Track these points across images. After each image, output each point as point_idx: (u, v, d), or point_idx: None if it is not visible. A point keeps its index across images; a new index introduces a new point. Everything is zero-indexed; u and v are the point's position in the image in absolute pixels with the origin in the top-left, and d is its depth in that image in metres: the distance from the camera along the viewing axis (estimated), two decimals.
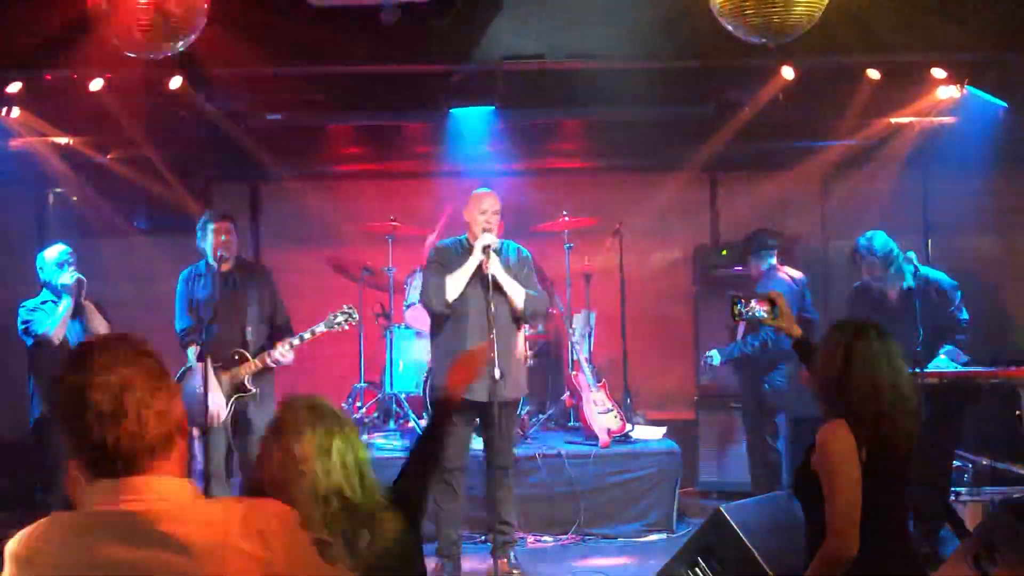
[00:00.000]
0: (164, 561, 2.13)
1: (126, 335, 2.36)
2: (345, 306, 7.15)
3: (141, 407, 2.21)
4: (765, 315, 4.75)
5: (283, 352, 6.98)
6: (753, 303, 4.73)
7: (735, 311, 4.79)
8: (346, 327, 7.13)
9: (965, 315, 7.58)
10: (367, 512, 3.13)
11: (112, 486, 2.22)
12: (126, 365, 2.24)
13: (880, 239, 7.57)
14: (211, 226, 7.06)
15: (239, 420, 7.01)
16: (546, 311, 7.66)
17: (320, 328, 7.05)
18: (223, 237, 7.04)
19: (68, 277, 7.00)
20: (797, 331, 4.67)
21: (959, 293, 7.60)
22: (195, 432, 6.79)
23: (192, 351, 7.01)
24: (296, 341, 7.00)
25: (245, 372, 6.97)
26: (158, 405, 2.23)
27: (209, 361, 6.76)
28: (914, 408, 3.87)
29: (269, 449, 3.16)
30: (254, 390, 6.99)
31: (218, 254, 6.99)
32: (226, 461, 7.02)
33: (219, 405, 6.85)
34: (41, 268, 7.18)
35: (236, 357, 6.99)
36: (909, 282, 7.46)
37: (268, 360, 6.97)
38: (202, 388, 6.69)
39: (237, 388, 6.97)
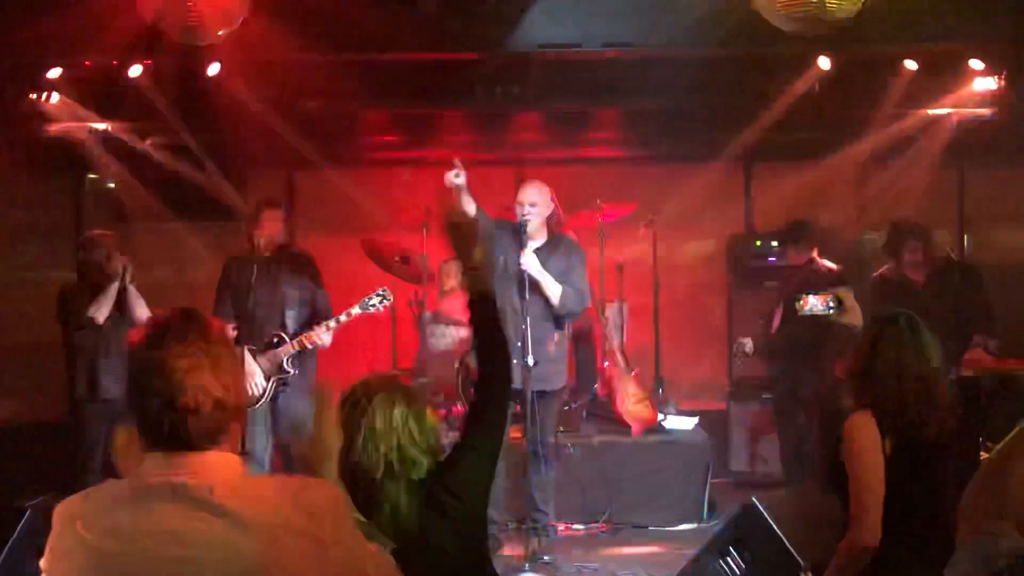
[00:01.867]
0: (217, 531, 2.17)
1: (199, 315, 2.40)
2: (380, 288, 7.24)
3: (202, 388, 2.25)
4: (832, 310, 4.72)
5: (320, 334, 7.07)
6: (820, 298, 4.72)
7: (802, 306, 4.77)
8: (380, 309, 7.24)
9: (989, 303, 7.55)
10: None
11: (166, 459, 2.26)
12: (194, 345, 2.28)
13: (928, 231, 7.55)
14: (264, 213, 7.21)
15: (276, 403, 7.13)
16: (581, 310, 7.58)
17: (355, 310, 7.15)
18: (272, 224, 7.21)
19: (115, 262, 7.11)
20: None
21: (983, 283, 7.56)
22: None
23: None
24: (333, 324, 7.10)
25: (284, 354, 7.07)
26: (218, 388, 2.27)
27: (246, 346, 6.93)
28: (943, 401, 3.85)
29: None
30: (292, 372, 7.09)
31: (264, 240, 7.17)
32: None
33: (260, 387, 6.97)
34: (83, 251, 7.28)
35: (275, 340, 7.10)
36: (936, 265, 7.45)
37: (306, 343, 7.07)
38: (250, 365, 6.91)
39: (276, 370, 7.08)
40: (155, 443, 2.28)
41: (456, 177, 6.49)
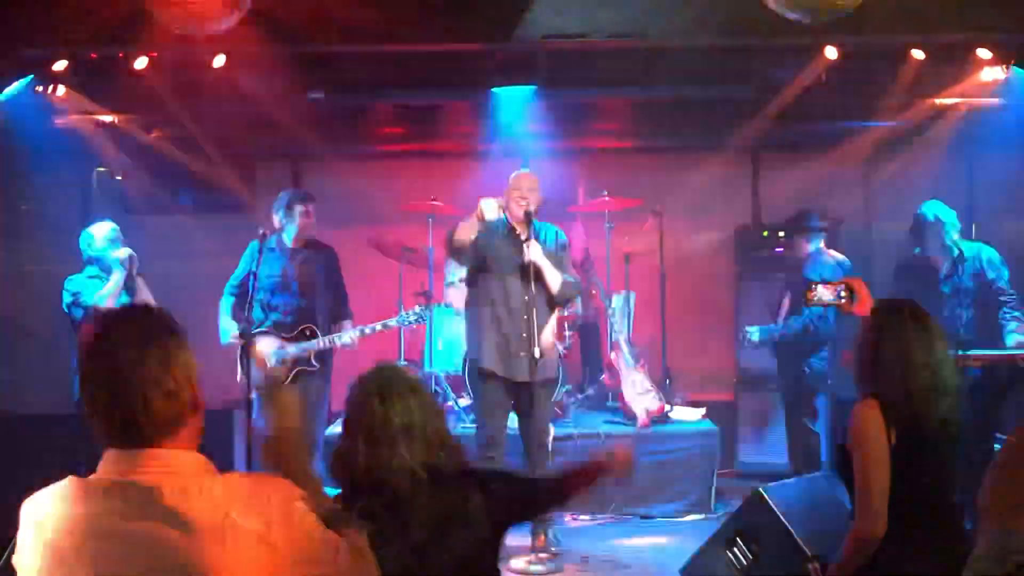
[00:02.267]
0: (163, 535, 2.18)
1: (151, 309, 2.40)
2: (419, 306, 7.67)
3: (149, 383, 2.25)
4: (843, 300, 4.70)
5: (352, 337, 7.35)
6: (829, 288, 4.69)
7: (810, 296, 4.75)
8: (413, 326, 7.70)
9: (1011, 289, 7.52)
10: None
11: (120, 456, 2.28)
12: (140, 340, 2.28)
13: (951, 214, 7.51)
14: (299, 208, 7.44)
15: (298, 391, 7.08)
16: (576, 296, 7.67)
17: (392, 323, 7.56)
18: (305, 218, 7.46)
19: (121, 252, 7.14)
20: None
21: (1006, 269, 7.53)
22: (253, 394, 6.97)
23: (229, 300, 7.43)
24: (368, 330, 7.41)
25: (313, 348, 7.31)
26: (168, 383, 2.27)
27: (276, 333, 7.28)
28: (951, 390, 3.83)
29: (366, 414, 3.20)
30: (317, 367, 7.34)
31: (299, 235, 7.43)
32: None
33: (267, 355, 7.25)
34: (88, 244, 7.30)
35: (307, 332, 7.33)
36: (959, 249, 7.42)
37: (337, 342, 7.34)
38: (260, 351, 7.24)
39: (302, 361, 7.30)
40: (109, 439, 2.29)
41: (489, 212, 6.50)
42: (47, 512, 2.27)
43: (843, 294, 4.67)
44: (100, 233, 7.31)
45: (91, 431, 2.32)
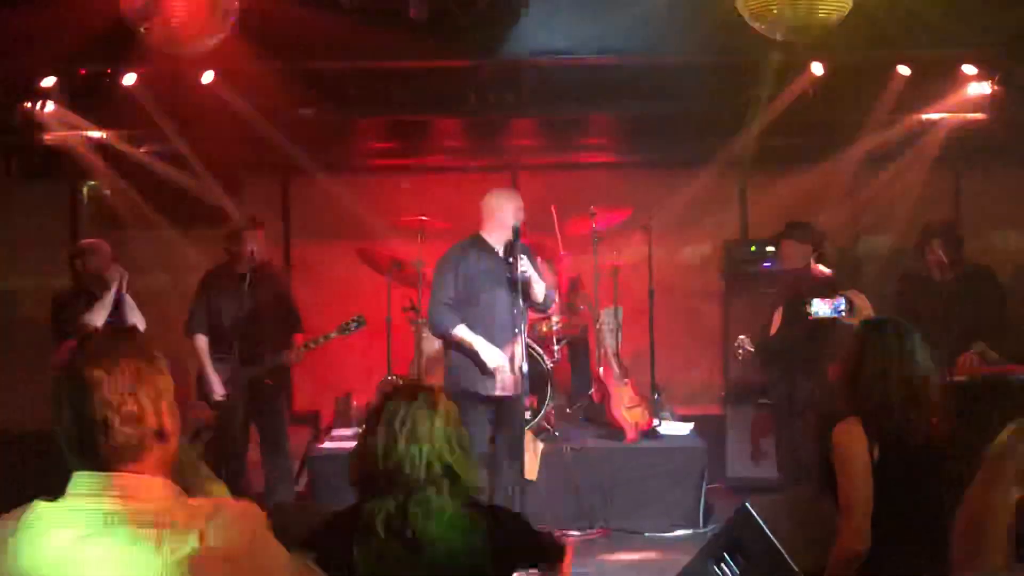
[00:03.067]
0: (127, 560, 2.19)
1: (126, 331, 2.41)
2: (356, 315, 7.85)
3: (110, 406, 2.25)
4: (843, 313, 4.72)
5: (298, 354, 7.64)
6: (828, 301, 4.71)
7: (809, 309, 4.77)
8: (354, 330, 7.85)
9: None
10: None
11: (87, 480, 2.28)
12: (107, 362, 2.28)
13: (953, 229, 7.60)
14: (246, 232, 7.56)
15: (257, 410, 7.64)
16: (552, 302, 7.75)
17: (333, 334, 7.76)
18: (256, 243, 7.57)
19: (112, 271, 7.16)
20: None
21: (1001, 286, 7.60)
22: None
23: (199, 339, 7.60)
24: (312, 344, 7.67)
25: (264, 369, 7.55)
26: (130, 407, 2.27)
27: (207, 348, 7.60)
28: (932, 406, 3.85)
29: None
30: (271, 383, 7.60)
31: (248, 260, 7.53)
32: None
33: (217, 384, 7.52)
34: (80, 260, 7.32)
35: (255, 355, 7.55)
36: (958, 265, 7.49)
37: (284, 360, 7.62)
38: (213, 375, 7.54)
39: (255, 381, 7.54)
40: (77, 461, 2.29)
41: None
42: (11, 537, 2.26)
43: (843, 307, 4.69)
44: (88, 250, 7.32)
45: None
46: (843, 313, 4.65)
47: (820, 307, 4.67)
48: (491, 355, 6.68)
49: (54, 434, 2.31)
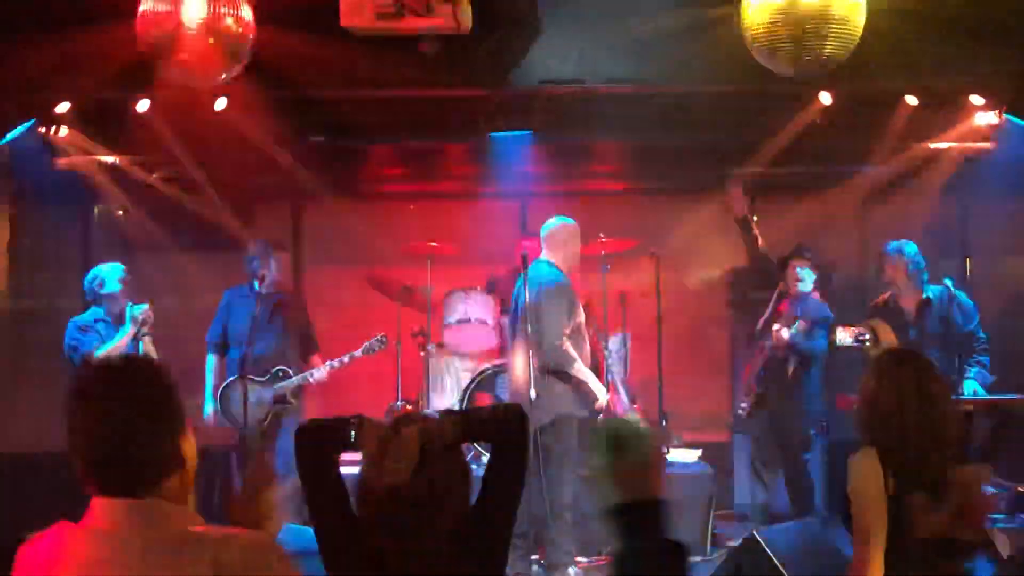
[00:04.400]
0: None
1: (139, 360, 2.45)
2: (380, 334, 7.97)
3: (126, 436, 2.30)
4: (867, 343, 4.70)
5: (323, 373, 7.78)
6: (850, 330, 4.69)
7: (833, 337, 4.77)
8: (377, 351, 7.99)
9: (983, 334, 7.58)
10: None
11: (106, 505, 2.32)
12: (121, 392, 2.33)
13: (913, 247, 7.66)
14: (276, 256, 7.83)
15: (279, 428, 7.74)
16: None
17: (357, 353, 7.89)
18: (279, 264, 7.86)
19: (138, 308, 7.26)
20: None
21: (976, 314, 7.62)
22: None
23: (211, 360, 7.87)
24: (336, 364, 7.81)
25: (288, 387, 7.73)
26: (146, 437, 2.32)
27: (250, 376, 7.63)
28: (949, 440, 3.85)
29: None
30: (295, 403, 7.75)
31: (269, 283, 7.75)
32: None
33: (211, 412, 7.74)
34: (96, 284, 7.37)
35: (280, 374, 7.73)
36: (928, 293, 7.53)
37: (310, 379, 7.78)
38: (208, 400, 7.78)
39: (279, 400, 7.71)
40: (96, 488, 2.33)
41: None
42: (40, 558, 2.31)
43: (866, 337, 4.67)
44: (109, 275, 7.41)
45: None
46: (867, 343, 4.65)
47: (843, 337, 4.66)
48: (600, 390, 7.11)
49: (70, 460, 2.35)
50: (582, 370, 7.03)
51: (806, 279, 8.15)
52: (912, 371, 3.87)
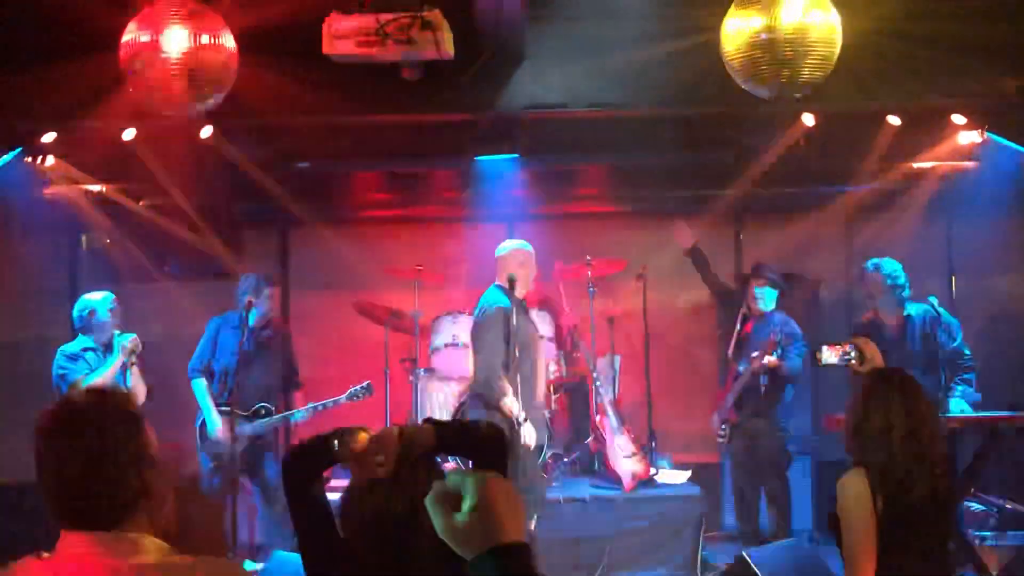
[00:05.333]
0: None
1: (107, 394, 2.45)
2: (366, 381, 7.93)
3: (90, 471, 2.31)
4: (851, 361, 4.71)
5: (304, 415, 7.83)
6: (835, 349, 4.68)
7: (819, 356, 4.76)
8: (364, 397, 7.94)
9: (968, 351, 7.60)
10: None
11: (74, 538, 2.33)
12: (85, 427, 2.34)
13: (891, 264, 7.68)
14: (267, 291, 7.82)
15: (262, 460, 7.82)
16: None
17: (342, 399, 7.86)
18: (270, 300, 7.87)
19: (126, 337, 7.26)
20: None
21: (960, 332, 7.64)
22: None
23: (200, 383, 7.77)
24: (320, 407, 7.82)
25: (269, 425, 7.79)
26: (110, 471, 2.33)
27: (234, 409, 7.61)
28: (935, 460, 3.86)
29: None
30: (271, 440, 7.89)
31: (263, 315, 7.82)
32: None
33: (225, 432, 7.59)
34: (84, 313, 7.44)
35: (263, 411, 7.76)
36: (908, 310, 7.55)
37: (291, 420, 7.85)
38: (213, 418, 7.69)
39: (258, 436, 7.74)
40: (62, 521, 2.35)
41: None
42: None
43: (852, 355, 4.67)
44: (100, 304, 7.47)
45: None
46: (852, 361, 4.64)
47: (828, 355, 4.66)
48: (529, 433, 6.89)
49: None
50: (510, 407, 6.75)
51: (765, 298, 8.16)
52: (899, 391, 3.90)
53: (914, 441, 3.81)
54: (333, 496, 3.31)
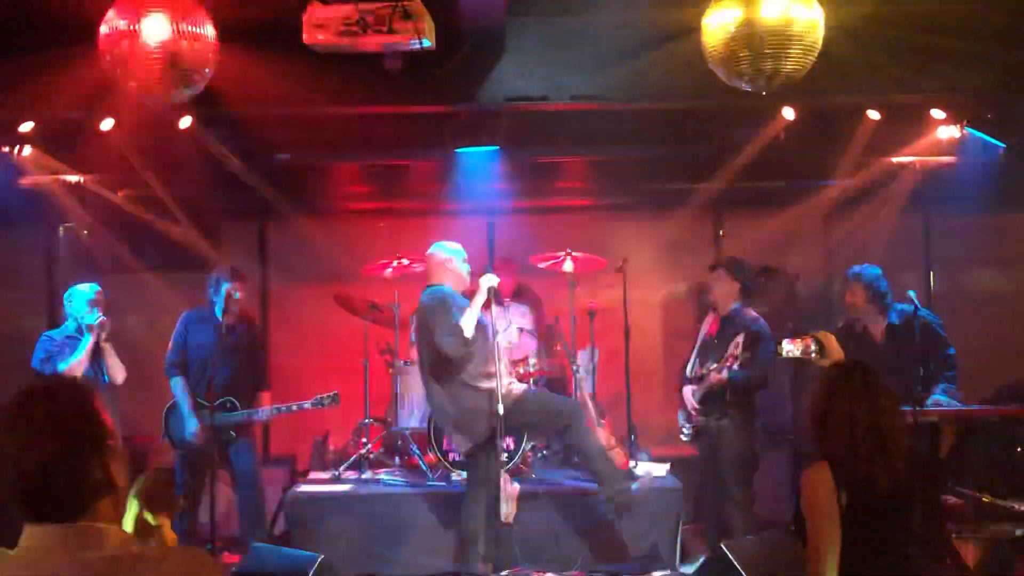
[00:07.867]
0: None
1: (66, 384, 2.42)
2: (333, 391, 7.96)
3: (50, 462, 2.28)
4: (813, 354, 4.71)
5: (266, 415, 7.85)
6: (798, 342, 4.69)
7: (780, 349, 4.77)
8: (328, 406, 7.96)
9: (952, 350, 7.61)
10: None
11: (36, 531, 2.31)
12: (43, 419, 2.31)
13: (872, 272, 7.65)
14: (226, 285, 7.71)
15: (229, 450, 7.85)
16: None
17: (306, 404, 7.87)
18: (236, 296, 7.74)
19: (92, 317, 7.25)
20: None
21: (942, 330, 7.65)
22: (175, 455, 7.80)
23: (178, 381, 7.75)
24: (284, 409, 7.85)
25: (233, 420, 7.74)
26: (70, 462, 2.30)
27: (189, 394, 7.73)
28: (898, 453, 3.86)
29: None
30: (236, 436, 7.80)
31: (228, 310, 7.75)
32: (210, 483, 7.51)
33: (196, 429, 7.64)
34: (69, 302, 7.53)
35: (228, 405, 7.72)
36: (892, 319, 7.55)
37: (254, 417, 7.84)
38: (190, 417, 7.68)
39: (224, 432, 7.71)
40: (25, 515, 2.32)
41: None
42: None
43: (813, 348, 4.68)
44: (82, 293, 7.59)
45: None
46: (814, 354, 4.64)
47: (790, 348, 4.66)
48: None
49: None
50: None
51: (735, 300, 7.86)
52: (860, 383, 3.90)
53: (876, 433, 3.81)
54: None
